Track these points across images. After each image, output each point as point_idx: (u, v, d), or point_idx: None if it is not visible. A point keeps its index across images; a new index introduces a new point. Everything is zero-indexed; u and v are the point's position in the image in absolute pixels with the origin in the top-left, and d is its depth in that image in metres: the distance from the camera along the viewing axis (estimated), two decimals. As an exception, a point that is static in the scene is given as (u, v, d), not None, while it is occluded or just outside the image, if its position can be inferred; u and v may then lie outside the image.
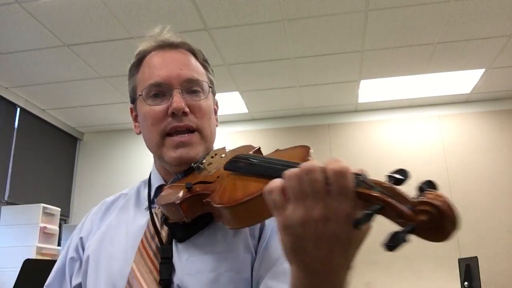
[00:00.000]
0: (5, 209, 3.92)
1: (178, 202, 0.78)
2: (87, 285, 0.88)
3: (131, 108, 1.02)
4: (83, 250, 0.95)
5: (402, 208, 0.52)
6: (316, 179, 0.55)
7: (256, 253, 0.85)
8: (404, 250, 0.70)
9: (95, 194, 4.92)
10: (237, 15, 3.08)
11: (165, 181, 0.97)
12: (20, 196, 4.16)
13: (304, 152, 0.76)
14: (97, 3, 2.89)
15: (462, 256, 3.93)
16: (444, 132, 4.61)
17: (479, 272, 3.41)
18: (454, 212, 0.50)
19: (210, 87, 0.96)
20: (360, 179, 0.56)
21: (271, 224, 0.87)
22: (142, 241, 0.87)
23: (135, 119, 1.01)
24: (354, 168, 0.58)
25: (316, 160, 0.59)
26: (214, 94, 1.03)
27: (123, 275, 0.84)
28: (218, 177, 0.81)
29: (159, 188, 0.96)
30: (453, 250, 4.16)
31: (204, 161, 0.90)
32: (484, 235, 4.17)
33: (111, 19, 3.06)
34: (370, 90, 4.35)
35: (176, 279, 0.82)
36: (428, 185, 0.53)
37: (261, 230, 0.87)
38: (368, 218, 0.51)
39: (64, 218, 4.79)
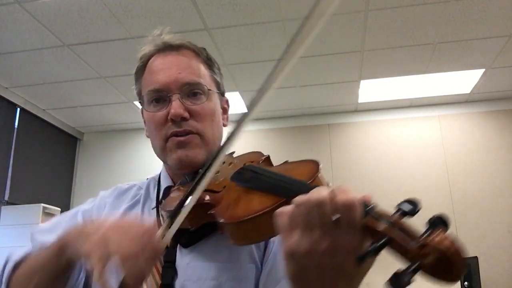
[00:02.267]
0: (5, 209, 3.92)
1: None
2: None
3: (142, 111, 1.02)
4: None
5: (407, 246, 0.50)
6: (325, 213, 0.53)
7: (261, 265, 0.84)
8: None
9: (95, 194, 4.91)
10: (237, 15, 3.07)
11: (173, 182, 0.97)
12: (20, 196, 4.15)
13: (314, 169, 0.72)
14: (97, 3, 2.89)
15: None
16: (444, 132, 4.61)
17: (479, 272, 3.42)
18: (461, 256, 0.48)
19: (209, 90, 0.95)
20: (367, 210, 0.54)
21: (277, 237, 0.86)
22: None
23: (145, 122, 1.01)
24: (360, 195, 0.55)
25: (324, 187, 0.57)
26: (222, 94, 1.02)
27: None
28: (224, 187, 0.80)
29: (167, 190, 0.96)
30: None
31: None
32: (484, 235, 4.17)
33: (111, 19, 3.06)
34: (370, 90, 4.35)
35: (178, 284, 0.81)
36: (438, 222, 0.52)
37: (266, 242, 0.86)
38: (372, 254, 0.50)
39: (64, 218, 4.79)
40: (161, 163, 1.00)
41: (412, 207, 0.53)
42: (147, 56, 0.98)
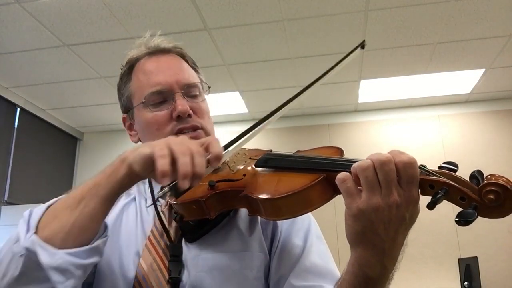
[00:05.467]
0: (5, 209, 3.92)
1: (203, 199, 0.79)
2: (96, 273, 0.87)
3: (124, 118, 1.03)
4: None
5: (464, 190, 0.62)
6: (392, 170, 0.63)
7: (269, 253, 0.88)
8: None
9: (95, 194, 4.91)
10: (237, 15, 3.07)
11: None
12: (20, 196, 4.15)
13: (339, 151, 0.82)
14: (97, 3, 2.89)
15: (462, 256, 3.93)
16: (444, 132, 4.61)
17: (479, 272, 3.42)
18: None
19: (204, 90, 0.99)
20: (422, 169, 0.65)
21: (283, 225, 0.90)
22: (149, 238, 0.87)
23: (130, 128, 1.02)
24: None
25: (379, 152, 0.65)
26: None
27: (132, 270, 0.84)
28: (244, 175, 0.84)
29: (163, 187, 0.96)
30: (453, 250, 4.16)
31: None
32: (484, 235, 4.17)
33: (111, 19, 3.06)
34: (370, 90, 4.35)
35: (188, 277, 0.82)
36: (479, 173, 0.63)
37: (273, 231, 0.90)
38: (440, 199, 0.61)
39: (64, 218, 4.79)
40: None
41: (453, 166, 0.66)
42: (134, 60, 0.99)
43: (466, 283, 3.49)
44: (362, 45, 0.93)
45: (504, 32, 3.37)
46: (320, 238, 0.92)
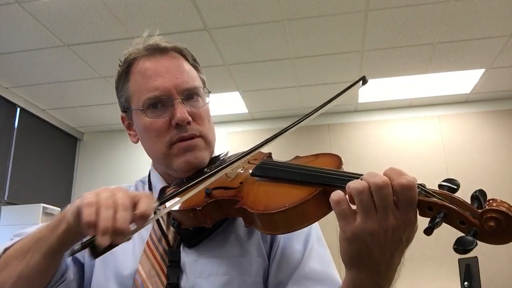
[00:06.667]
0: (5, 209, 3.92)
1: (200, 208, 0.77)
2: (93, 277, 0.87)
3: (122, 117, 1.01)
4: None
5: (464, 214, 0.58)
6: (389, 194, 0.60)
7: (268, 258, 0.86)
8: (404, 250, 0.74)
9: (95, 194, 4.91)
10: (237, 15, 3.07)
11: (167, 183, 0.96)
12: (20, 196, 4.15)
13: (337, 161, 0.78)
14: (97, 3, 2.89)
15: (462, 256, 3.93)
16: (444, 132, 4.61)
17: (479, 272, 3.41)
18: None
19: (204, 92, 0.95)
20: (421, 189, 0.61)
21: None
22: (147, 243, 0.87)
23: (129, 127, 1.00)
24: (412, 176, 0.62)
25: (375, 172, 0.62)
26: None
27: (130, 276, 0.83)
28: (241, 183, 0.81)
29: (162, 191, 0.95)
30: (453, 250, 4.16)
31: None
32: (484, 235, 4.16)
33: (111, 19, 3.06)
34: (370, 90, 4.35)
35: (186, 282, 0.81)
36: (482, 194, 0.59)
37: (273, 236, 0.88)
38: (438, 224, 0.58)
39: (64, 218, 4.78)
40: None
41: (453, 185, 0.61)
42: (133, 59, 0.95)
43: (466, 283, 3.49)
44: (363, 80, 0.88)
45: (504, 32, 3.37)
46: (320, 242, 0.90)
